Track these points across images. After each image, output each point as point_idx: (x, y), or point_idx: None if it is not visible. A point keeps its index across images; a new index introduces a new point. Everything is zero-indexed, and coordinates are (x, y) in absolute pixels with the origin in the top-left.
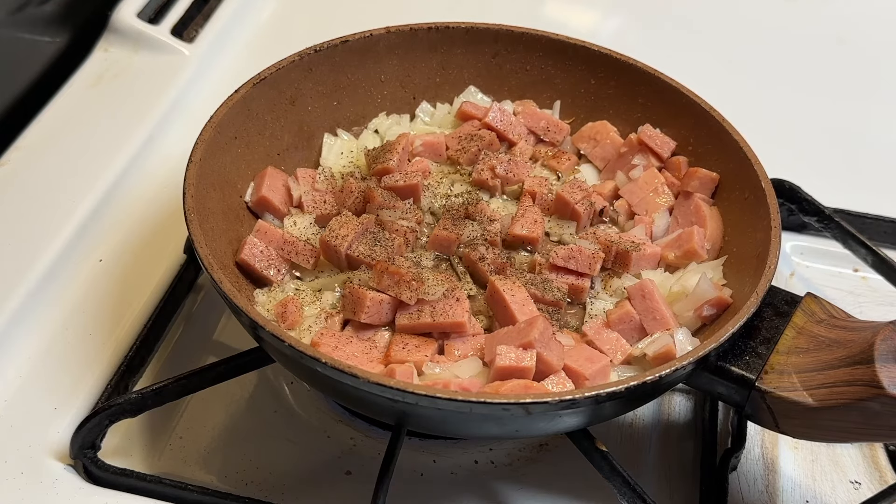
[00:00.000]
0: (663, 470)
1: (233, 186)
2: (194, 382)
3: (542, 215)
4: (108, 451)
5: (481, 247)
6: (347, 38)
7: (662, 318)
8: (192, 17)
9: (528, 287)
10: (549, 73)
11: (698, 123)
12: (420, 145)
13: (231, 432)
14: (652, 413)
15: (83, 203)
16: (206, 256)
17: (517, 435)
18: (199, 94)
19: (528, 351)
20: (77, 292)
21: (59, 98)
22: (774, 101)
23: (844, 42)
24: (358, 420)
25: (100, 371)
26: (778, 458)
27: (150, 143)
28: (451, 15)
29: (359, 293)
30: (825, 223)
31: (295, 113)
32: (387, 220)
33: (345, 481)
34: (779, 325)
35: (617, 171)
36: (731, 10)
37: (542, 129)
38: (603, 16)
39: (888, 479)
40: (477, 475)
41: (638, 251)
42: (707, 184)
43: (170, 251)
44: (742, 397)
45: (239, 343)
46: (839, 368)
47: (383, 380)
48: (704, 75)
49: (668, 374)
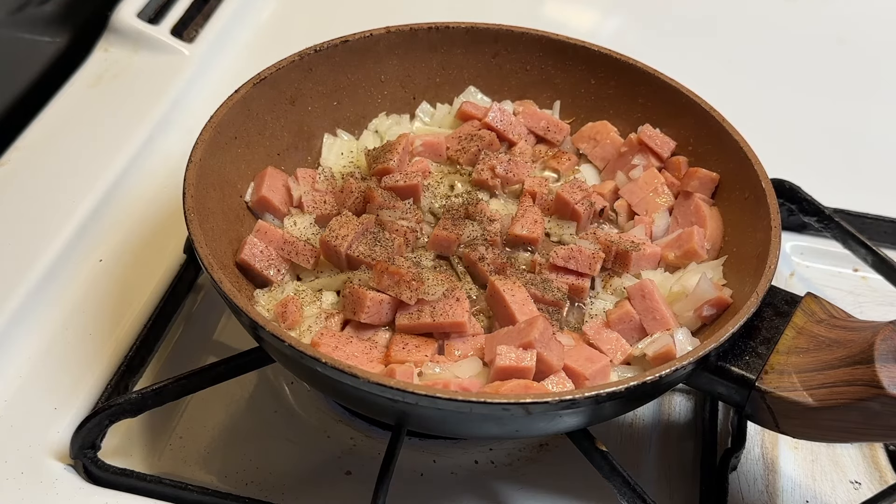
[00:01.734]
0: (663, 470)
1: (233, 186)
2: (194, 382)
3: (542, 215)
4: (108, 451)
5: (481, 247)
6: (347, 38)
7: (662, 318)
8: (192, 17)
9: (528, 287)
10: (549, 73)
11: (698, 123)
12: (420, 145)
13: (231, 432)
14: (652, 413)
15: (83, 203)
16: (206, 256)
17: (517, 435)
18: (199, 94)
19: (528, 351)
20: (77, 292)
21: (59, 98)
22: (774, 101)
23: (844, 42)
24: (358, 420)
25: (100, 371)
26: (778, 458)
27: (150, 143)
28: (451, 15)
29: (359, 293)
30: (825, 223)
31: (295, 113)
32: (387, 220)
33: (345, 481)
34: (779, 325)
35: (617, 171)
36: (731, 10)
37: (542, 129)
38: (603, 16)
39: (888, 479)
40: (477, 475)
41: (638, 251)
42: (707, 184)
43: (170, 251)
44: (742, 397)
45: (239, 343)
46: (839, 368)
47: (383, 380)
48: (704, 75)
49: (668, 374)
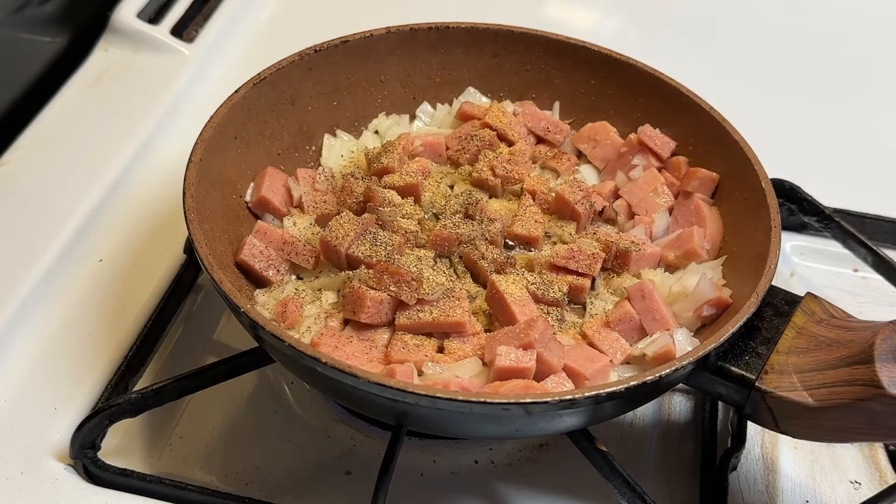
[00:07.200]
0: (663, 470)
1: (233, 186)
2: (194, 382)
3: (542, 215)
4: (108, 451)
5: (481, 246)
6: (347, 38)
7: (662, 318)
8: (192, 17)
9: (528, 287)
10: (549, 73)
11: (698, 123)
12: (420, 145)
13: (231, 432)
14: (652, 413)
15: (83, 203)
16: (206, 256)
17: (517, 435)
18: (199, 94)
19: (529, 351)
20: (77, 292)
21: (59, 98)
22: (774, 101)
23: (844, 42)
24: (358, 420)
25: (100, 371)
26: (778, 458)
27: (150, 143)
28: (451, 15)
29: (359, 293)
30: (825, 223)
31: (295, 113)
32: (387, 219)
33: (345, 481)
34: (779, 325)
35: (617, 172)
36: (731, 10)
37: (542, 129)
38: (603, 16)
39: (888, 479)
40: (477, 475)
41: (638, 251)
42: (707, 184)
43: (170, 251)
44: (742, 397)
45: (239, 343)
46: (839, 368)
47: (383, 380)
48: (704, 75)
49: (668, 374)
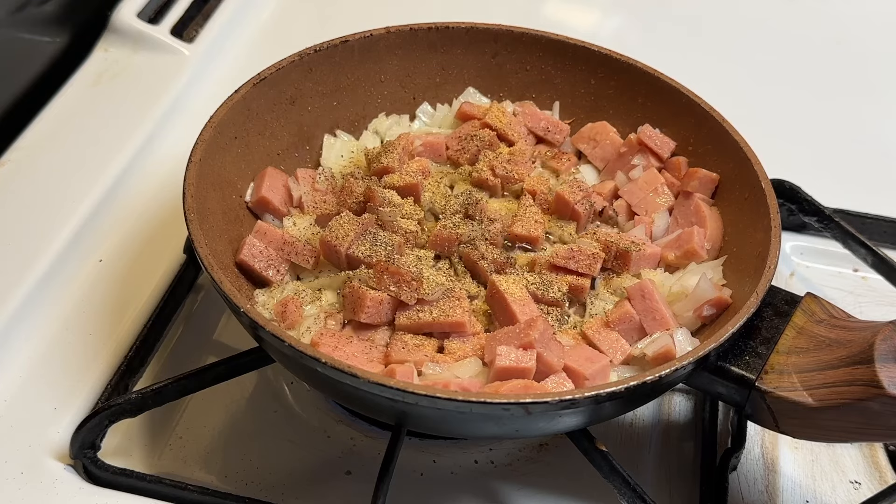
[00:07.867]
0: (663, 470)
1: (233, 186)
2: (194, 382)
3: (542, 215)
4: (108, 451)
5: (481, 247)
6: (347, 38)
7: (662, 318)
8: (192, 17)
9: (528, 287)
10: (549, 73)
11: (698, 123)
12: (420, 145)
13: (231, 432)
14: (652, 413)
15: (83, 203)
16: (206, 256)
17: (517, 435)
18: (199, 94)
19: (529, 351)
20: (77, 292)
21: (59, 98)
22: (774, 102)
23: (844, 42)
24: (358, 420)
25: (100, 371)
26: (778, 458)
27: (150, 143)
28: (451, 15)
29: (359, 293)
30: (825, 223)
31: (295, 113)
32: (387, 219)
33: (345, 481)
34: (779, 325)
35: (617, 172)
36: (730, 11)
37: (542, 129)
38: (603, 16)
39: (888, 479)
40: (477, 475)
41: (638, 251)
42: (707, 184)
43: (170, 251)
44: (742, 397)
45: (239, 343)
46: (839, 368)
47: (383, 380)
48: (704, 75)
49: (668, 374)
